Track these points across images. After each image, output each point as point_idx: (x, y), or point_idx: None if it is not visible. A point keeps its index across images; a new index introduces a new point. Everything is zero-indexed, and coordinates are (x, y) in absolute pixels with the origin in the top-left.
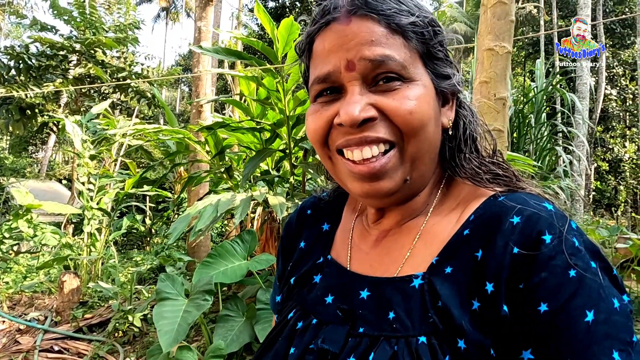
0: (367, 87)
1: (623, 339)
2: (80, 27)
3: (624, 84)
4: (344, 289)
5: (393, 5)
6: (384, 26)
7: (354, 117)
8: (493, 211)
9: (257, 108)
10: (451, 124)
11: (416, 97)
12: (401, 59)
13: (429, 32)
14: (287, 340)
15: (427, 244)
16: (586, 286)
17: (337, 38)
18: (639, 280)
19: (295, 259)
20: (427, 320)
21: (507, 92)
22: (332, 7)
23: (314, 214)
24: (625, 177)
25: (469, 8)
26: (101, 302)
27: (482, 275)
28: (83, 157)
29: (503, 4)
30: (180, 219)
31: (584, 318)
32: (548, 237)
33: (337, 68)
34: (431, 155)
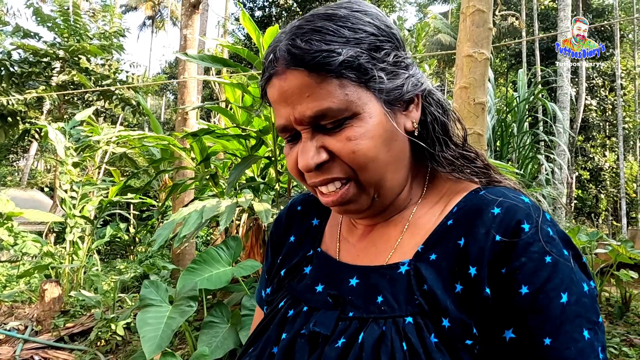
0: (317, 130)
1: (591, 319)
2: (64, 34)
3: (603, 94)
4: (334, 278)
5: (322, 48)
6: (314, 77)
7: (308, 165)
8: (475, 203)
9: (243, 115)
10: (417, 125)
11: (359, 135)
12: (339, 104)
13: (366, 58)
14: (279, 327)
15: (413, 235)
16: (560, 271)
17: (279, 94)
18: (618, 285)
19: (285, 253)
20: (414, 302)
21: (486, 97)
22: (269, 62)
23: (304, 209)
24: (606, 185)
25: (454, 19)
26: (83, 310)
27: (465, 260)
28: (66, 165)
29: (481, 12)
30: (165, 225)
31: (559, 300)
32: (526, 226)
33: (289, 122)
34: (394, 169)
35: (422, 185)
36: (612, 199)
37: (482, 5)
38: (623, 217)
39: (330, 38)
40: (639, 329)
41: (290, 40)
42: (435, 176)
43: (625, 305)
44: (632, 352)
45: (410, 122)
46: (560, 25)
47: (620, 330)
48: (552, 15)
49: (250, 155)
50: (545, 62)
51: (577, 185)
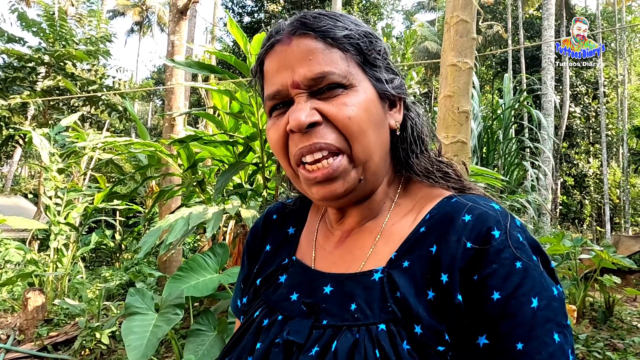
0: (312, 96)
1: (560, 322)
2: (49, 39)
3: (587, 102)
4: (309, 286)
5: (328, 22)
6: (320, 42)
7: (300, 121)
8: (446, 210)
9: (231, 121)
10: (399, 126)
11: (355, 104)
12: (340, 70)
13: (364, 42)
14: (254, 336)
15: (387, 242)
16: (530, 276)
17: (281, 58)
18: (602, 290)
19: (261, 262)
20: (387, 309)
21: (470, 106)
22: (275, 31)
23: (280, 218)
24: (590, 191)
25: (440, 27)
26: (67, 319)
27: (437, 267)
28: (51, 171)
29: (465, 23)
30: (151, 232)
31: (530, 304)
32: (497, 233)
33: (284, 86)
34: (380, 153)
35: (395, 190)
36: (596, 204)
37: (466, 15)
38: (607, 222)
39: (336, 19)
40: (622, 334)
41: (300, 16)
42: (410, 183)
43: (609, 310)
44: (615, 356)
45: (394, 121)
46: (544, 33)
47: (604, 334)
48: (537, 24)
49: (237, 161)
50: (530, 69)
51: (562, 191)
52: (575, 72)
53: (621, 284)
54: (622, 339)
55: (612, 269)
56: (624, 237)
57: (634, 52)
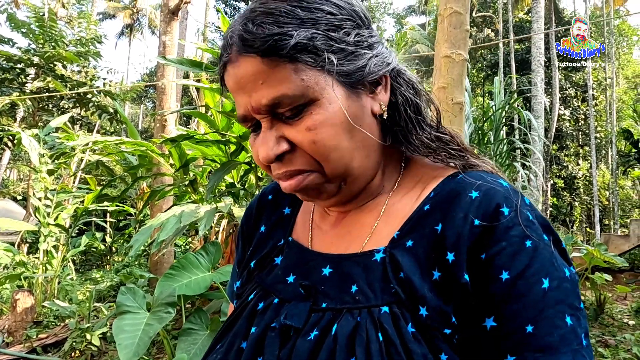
0: (277, 118)
1: (573, 305)
2: (39, 40)
3: (576, 104)
4: (306, 268)
5: (273, 32)
6: (267, 63)
7: (268, 156)
8: (452, 187)
9: (223, 120)
10: (385, 108)
11: (318, 123)
12: (294, 89)
13: (322, 38)
14: (248, 320)
15: (389, 221)
16: (540, 255)
17: (234, 82)
18: (593, 288)
19: (255, 243)
20: (389, 290)
21: (464, 97)
22: (223, 48)
23: (275, 199)
24: (580, 193)
25: (431, 30)
26: (57, 321)
27: (442, 246)
28: (40, 172)
29: (458, 14)
30: (142, 230)
31: (540, 285)
32: (506, 210)
33: (247, 111)
34: (362, 154)
35: (397, 170)
36: (585, 206)
37: (459, 7)
38: (596, 224)
39: (283, 20)
40: (613, 330)
41: (242, 25)
42: (411, 161)
43: (600, 308)
44: (607, 352)
45: (378, 105)
46: (534, 37)
47: (596, 331)
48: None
49: (230, 161)
50: (520, 72)
51: (552, 193)
52: (565, 75)
53: (612, 282)
54: (614, 336)
55: (602, 267)
56: (613, 236)
57: (622, 56)
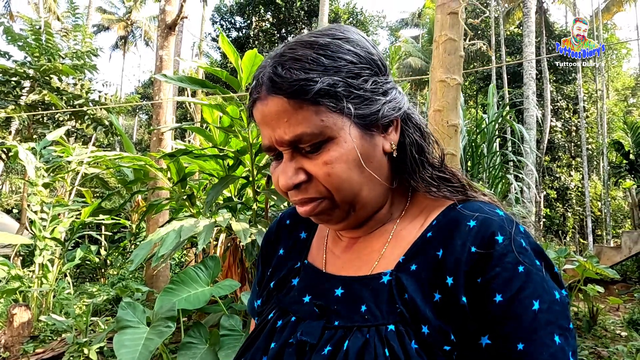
0: (297, 151)
1: (562, 325)
2: (35, 53)
3: (567, 116)
4: (320, 289)
5: (300, 76)
6: (292, 104)
7: (287, 185)
8: (452, 216)
9: (221, 135)
10: (395, 147)
11: (334, 159)
12: (314, 129)
13: (344, 85)
14: (268, 337)
15: (395, 247)
16: (532, 280)
17: (261, 117)
18: (586, 299)
19: (275, 265)
20: (395, 310)
21: (459, 120)
22: (254, 86)
23: (293, 223)
24: (572, 204)
25: (424, 43)
26: (54, 335)
27: (442, 270)
28: (36, 185)
29: (453, 41)
30: (142, 245)
31: (531, 307)
32: (500, 238)
33: (271, 143)
34: (370, 187)
35: (404, 200)
36: (578, 217)
37: (454, 34)
38: (589, 234)
39: (309, 67)
40: (606, 342)
41: (272, 68)
42: (416, 192)
43: (593, 319)
44: None
45: (389, 144)
46: (525, 50)
47: (589, 343)
48: (518, 40)
49: (227, 175)
50: (512, 85)
51: (545, 204)
52: (556, 87)
53: (604, 294)
54: (607, 347)
55: (595, 278)
56: (605, 247)
57: (612, 69)
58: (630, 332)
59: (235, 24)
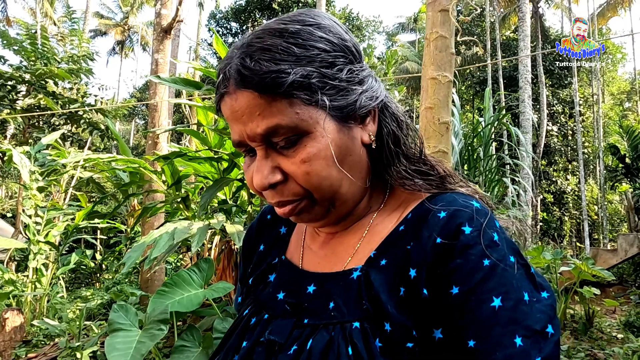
0: (271, 148)
1: (529, 327)
2: (31, 57)
3: (563, 120)
4: (294, 286)
5: (270, 69)
6: (264, 98)
7: (262, 184)
8: (424, 208)
9: (215, 138)
10: (373, 138)
11: (311, 155)
12: (289, 122)
13: (318, 76)
14: (240, 335)
15: (370, 242)
16: (497, 275)
17: (230, 112)
18: (582, 302)
19: (255, 261)
20: (362, 307)
21: (449, 117)
22: (221, 80)
23: (273, 218)
24: (569, 208)
25: (421, 48)
26: (47, 340)
27: (408, 263)
28: (31, 189)
29: (444, 38)
30: (135, 247)
31: (490, 302)
32: (467, 229)
33: (242, 138)
34: (350, 182)
35: (382, 194)
36: (575, 221)
37: (445, 31)
38: (586, 238)
39: (279, 57)
40: (602, 344)
41: (240, 60)
42: (394, 185)
43: (589, 322)
44: None
45: (367, 135)
46: (520, 54)
47: (585, 345)
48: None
49: (222, 177)
50: (508, 89)
51: (542, 208)
52: (552, 92)
53: (600, 296)
54: (603, 349)
55: (591, 281)
56: (602, 250)
57: (607, 73)
58: (627, 334)
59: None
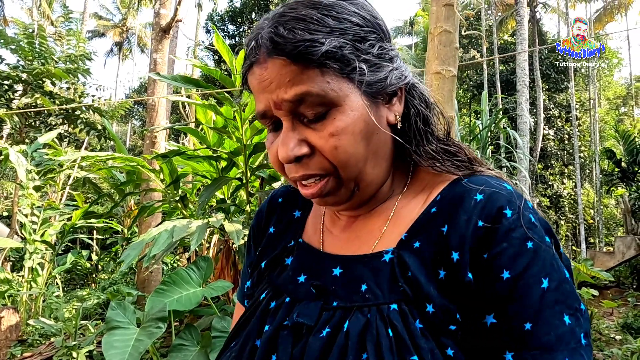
0: (298, 120)
1: (572, 305)
2: (28, 57)
3: (560, 124)
4: (317, 268)
5: (305, 37)
6: (295, 65)
7: (288, 157)
8: (457, 191)
9: (214, 136)
10: (399, 119)
11: (340, 129)
12: (319, 90)
13: (350, 48)
14: (260, 319)
15: (397, 224)
16: (541, 257)
17: (260, 80)
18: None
19: (264, 244)
20: (398, 289)
21: (454, 112)
22: (251, 49)
23: (285, 201)
24: (565, 212)
25: (418, 52)
26: (42, 339)
27: (447, 246)
28: (27, 188)
29: (448, 33)
30: (134, 245)
31: (539, 285)
32: (508, 212)
33: (268, 107)
34: (375, 161)
35: (405, 177)
36: (571, 224)
37: (449, 26)
38: (582, 242)
39: (313, 27)
40: (601, 345)
41: (273, 28)
42: (418, 168)
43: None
44: None
45: (393, 115)
46: (518, 57)
47: None
48: (511, 49)
49: (221, 176)
50: (505, 93)
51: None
52: (549, 96)
53: (598, 298)
54: (601, 350)
55: (589, 282)
56: (599, 253)
57: (603, 78)
58: (625, 335)
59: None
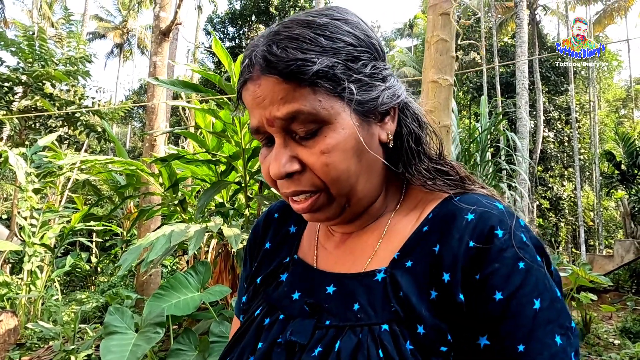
0: (290, 137)
1: (563, 324)
2: (28, 59)
3: (559, 127)
4: (311, 285)
5: (297, 57)
6: (288, 84)
7: (279, 173)
8: (449, 209)
9: (213, 140)
10: (391, 137)
11: (331, 147)
12: (310, 108)
13: (342, 68)
14: (255, 336)
15: (390, 242)
16: (533, 277)
17: (253, 98)
18: (579, 307)
19: (260, 259)
20: (390, 309)
21: (450, 121)
22: (245, 66)
23: (281, 217)
24: (565, 214)
25: (418, 54)
26: (41, 343)
27: (439, 266)
28: (26, 191)
29: (445, 42)
30: (131, 249)
31: (531, 305)
32: (500, 232)
33: (261, 123)
34: (366, 178)
35: (398, 193)
36: (571, 227)
37: (445, 35)
38: (582, 244)
39: (306, 46)
40: (599, 350)
41: (266, 47)
42: (411, 185)
43: (586, 327)
44: None
45: (385, 134)
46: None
47: (582, 351)
48: (511, 51)
49: (220, 180)
50: (504, 95)
51: (538, 213)
52: (548, 98)
53: (597, 302)
54: (600, 355)
55: (588, 287)
56: (598, 256)
57: (603, 80)
58: (623, 340)
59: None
